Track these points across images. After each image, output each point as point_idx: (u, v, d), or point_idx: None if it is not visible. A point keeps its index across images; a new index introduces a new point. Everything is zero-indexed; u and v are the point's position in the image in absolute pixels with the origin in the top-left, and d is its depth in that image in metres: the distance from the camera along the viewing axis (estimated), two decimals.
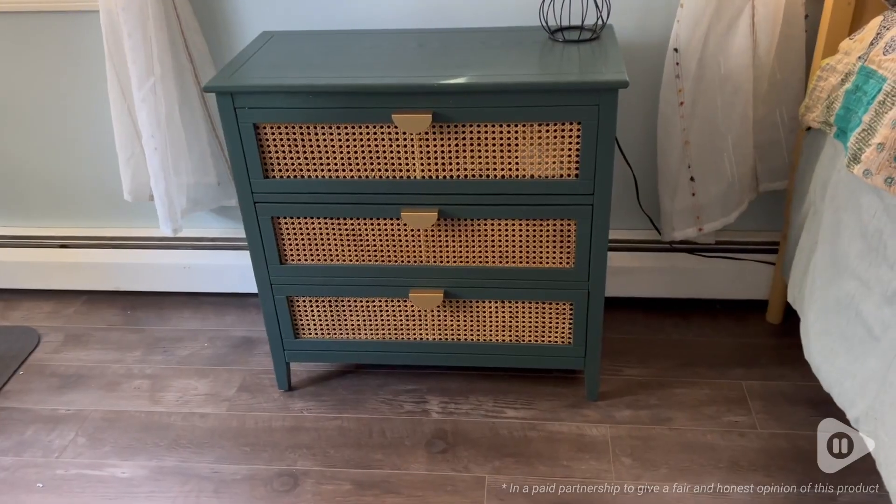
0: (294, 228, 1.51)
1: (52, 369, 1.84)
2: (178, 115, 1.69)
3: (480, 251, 1.50)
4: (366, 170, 1.43)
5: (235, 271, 1.99)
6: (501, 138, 1.37)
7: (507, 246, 1.49)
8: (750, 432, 1.56)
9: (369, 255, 1.53)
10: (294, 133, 1.41)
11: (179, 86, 1.69)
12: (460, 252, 1.51)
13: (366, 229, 1.50)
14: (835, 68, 1.40)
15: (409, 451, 1.55)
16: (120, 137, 1.76)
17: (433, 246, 1.50)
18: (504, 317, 1.58)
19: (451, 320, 1.59)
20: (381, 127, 1.38)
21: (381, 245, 1.51)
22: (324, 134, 1.40)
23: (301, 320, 1.63)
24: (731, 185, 1.67)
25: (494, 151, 1.39)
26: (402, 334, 1.62)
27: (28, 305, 2.08)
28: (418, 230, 1.49)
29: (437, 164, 1.41)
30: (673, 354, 1.78)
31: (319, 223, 1.50)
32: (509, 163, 1.40)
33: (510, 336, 1.60)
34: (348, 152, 1.41)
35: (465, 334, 1.61)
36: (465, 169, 1.41)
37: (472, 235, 1.48)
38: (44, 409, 1.71)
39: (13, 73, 1.84)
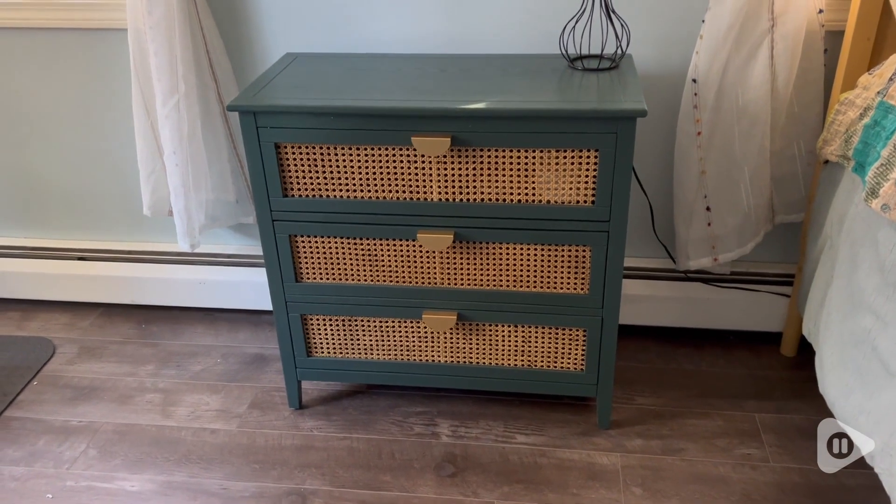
0: (311, 247, 1.52)
1: (65, 381, 1.85)
2: (199, 132, 1.72)
3: (495, 275, 1.51)
4: (383, 191, 1.44)
5: (250, 288, 2.01)
6: (519, 163, 1.38)
7: (521, 270, 1.49)
8: (762, 466, 1.54)
9: (384, 276, 1.53)
10: (314, 153, 1.42)
11: (202, 104, 1.71)
12: (475, 275, 1.51)
13: (381, 250, 1.51)
14: (853, 102, 1.41)
15: (418, 474, 1.55)
16: (142, 153, 1.78)
17: (448, 268, 1.51)
18: (517, 341, 1.58)
19: (464, 343, 1.59)
20: (400, 149, 1.40)
21: (396, 266, 1.52)
22: (343, 155, 1.42)
23: (314, 339, 1.64)
24: (748, 216, 1.67)
25: (512, 176, 1.40)
26: (415, 356, 1.63)
27: (45, 316, 2.10)
28: (433, 252, 1.49)
29: (454, 187, 1.42)
30: (686, 384, 1.77)
31: (336, 242, 1.51)
32: (526, 188, 1.41)
33: (522, 361, 1.60)
34: (367, 173, 1.43)
35: (478, 357, 1.61)
36: (482, 192, 1.42)
37: (487, 259, 1.49)
38: (56, 420, 1.72)
39: (41, 87, 1.88)
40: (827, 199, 1.51)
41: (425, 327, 1.58)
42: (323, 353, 1.65)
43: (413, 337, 1.60)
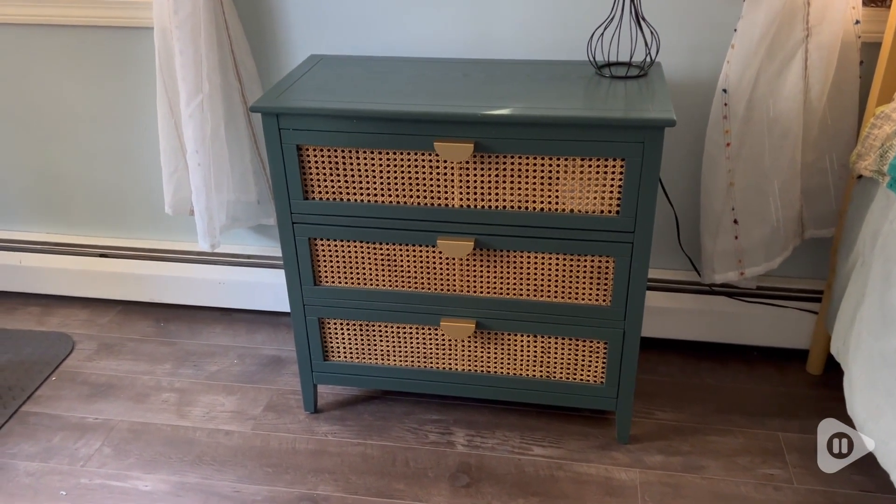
0: (330, 250, 1.51)
1: (83, 377, 1.85)
2: (223, 132, 1.72)
3: (515, 283, 1.48)
4: (405, 196, 1.42)
5: (269, 289, 2.00)
6: (543, 171, 1.36)
7: (542, 280, 1.47)
8: (786, 487, 1.50)
9: (403, 281, 1.52)
10: (336, 156, 1.41)
11: (226, 104, 1.71)
12: (495, 283, 1.49)
13: (401, 255, 1.49)
14: (890, 116, 1.37)
15: (431, 483, 1.53)
16: (165, 152, 1.78)
17: (467, 275, 1.49)
18: (536, 351, 1.55)
19: (482, 352, 1.57)
20: (423, 154, 1.38)
21: (416, 272, 1.50)
22: (365, 158, 1.40)
23: (331, 343, 1.62)
24: (776, 230, 1.63)
25: (535, 184, 1.37)
26: (432, 363, 1.61)
27: (65, 312, 2.11)
28: (453, 259, 1.47)
29: (476, 193, 1.40)
30: (708, 400, 1.73)
31: (355, 246, 1.50)
32: (549, 196, 1.38)
33: (541, 371, 1.57)
34: (388, 178, 1.41)
35: (495, 367, 1.59)
36: (505, 200, 1.40)
37: (508, 267, 1.47)
38: (73, 416, 1.72)
39: (66, 84, 1.89)
40: (860, 215, 1.47)
41: (443, 335, 1.56)
42: (339, 357, 1.64)
43: (431, 344, 1.58)
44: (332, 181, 1.44)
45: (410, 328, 1.57)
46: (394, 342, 1.60)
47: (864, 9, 1.50)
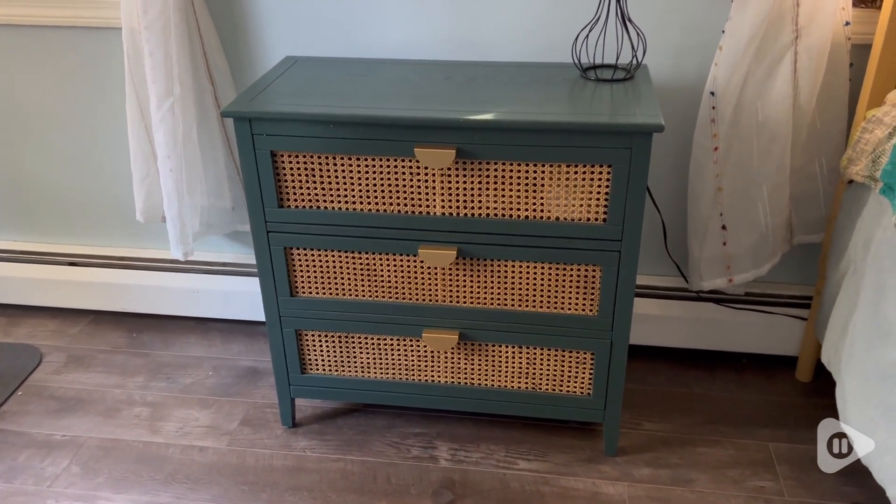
0: (307, 260, 1.45)
1: (51, 391, 1.78)
2: (195, 136, 1.65)
3: (499, 293, 1.43)
4: (384, 203, 1.37)
5: (245, 298, 1.94)
6: (527, 178, 1.31)
7: (527, 289, 1.42)
8: (776, 499, 1.46)
9: (383, 292, 1.46)
10: (312, 162, 1.36)
11: (199, 107, 1.65)
12: (478, 293, 1.44)
13: (381, 265, 1.44)
14: (881, 120, 1.33)
15: (414, 501, 1.47)
16: (135, 157, 1.72)
17: (450, 285, 1.44)
18: (521, 363, 1.51)
19: (465, 363, 1.52)
20: (403, 160, 1.33)
21: (396, 282, 1.45)
22: (343, 165, 1.35)
23: (309, 355, 1.57)
24: (765, 235, 1.60)
25: (519, 191, 1.33)
26: (413, 375, 1.55)
27: (33, 323, 2.03)
28: (435, 268, 1.42)
29: (458, 200, 1.35)
30: (696, 410, 1.70)
31: (333, 256, 1.44)
32: (534, 203, 1.34)
33: (526, 383, 1.53)
34: (367, 185, 1.36)
35: (480, 379, 1.54)
36: (488, 207, 1.35)
37: (492, 276, 1.42)
38: (39, 433, 1.65)
39: (31, 87, 1.82)
40: (850, 221, 1.43)
41: (425, 346, 1.51)
42: (318, 370, 1.58)
43: (412, 356, 1.53)
44: (308, 188, 1.38)
45: (391, 340, 1.52)
46: (374, 354, 1.54)
47: (854, 10, 1.46)
